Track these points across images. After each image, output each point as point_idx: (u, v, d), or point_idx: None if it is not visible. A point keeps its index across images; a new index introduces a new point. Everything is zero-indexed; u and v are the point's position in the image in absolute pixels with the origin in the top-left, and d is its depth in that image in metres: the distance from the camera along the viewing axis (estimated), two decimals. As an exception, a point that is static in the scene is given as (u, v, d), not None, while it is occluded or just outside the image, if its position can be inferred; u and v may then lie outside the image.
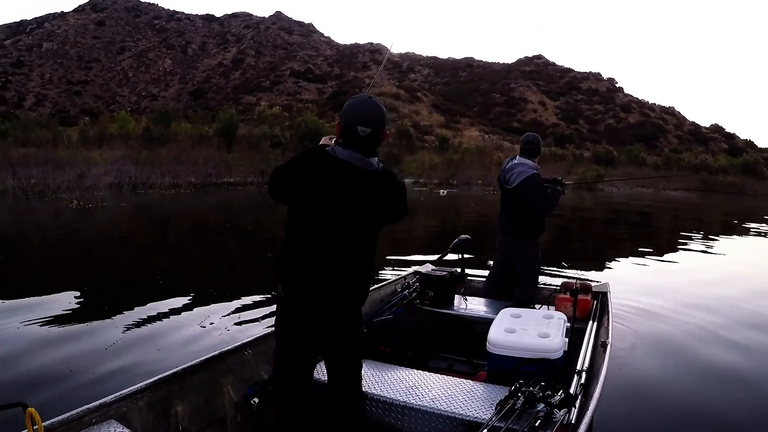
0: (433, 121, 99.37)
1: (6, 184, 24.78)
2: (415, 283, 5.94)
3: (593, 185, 41.26)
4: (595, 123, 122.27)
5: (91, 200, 20.66)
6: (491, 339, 4.10)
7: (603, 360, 3.92)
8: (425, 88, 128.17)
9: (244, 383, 3.73)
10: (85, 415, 2.79)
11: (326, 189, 2.95)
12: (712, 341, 6.98)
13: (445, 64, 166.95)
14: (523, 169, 5.76)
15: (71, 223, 17.18)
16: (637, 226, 23.00)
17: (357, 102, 3.06)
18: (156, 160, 33.26)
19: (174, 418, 3.23)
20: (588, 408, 3.10)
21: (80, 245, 13.69)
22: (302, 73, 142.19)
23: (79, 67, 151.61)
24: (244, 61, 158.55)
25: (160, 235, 16.28)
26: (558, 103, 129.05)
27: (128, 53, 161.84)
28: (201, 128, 53.95)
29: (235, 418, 3.58)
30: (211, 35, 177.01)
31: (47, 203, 21.14)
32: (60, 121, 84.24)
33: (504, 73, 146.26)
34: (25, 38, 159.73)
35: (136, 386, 3.10)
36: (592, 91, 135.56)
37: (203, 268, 11.35)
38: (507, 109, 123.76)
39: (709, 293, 9.83)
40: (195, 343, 6.29)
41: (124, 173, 29.29)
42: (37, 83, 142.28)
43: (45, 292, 8.56)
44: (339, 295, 3.13)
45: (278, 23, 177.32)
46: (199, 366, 3.50)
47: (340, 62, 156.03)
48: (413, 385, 3.79)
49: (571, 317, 4.65)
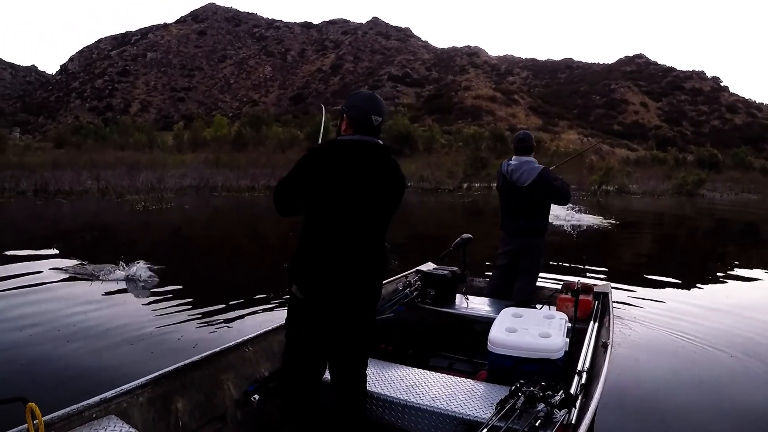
0: (530, 124, 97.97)
1: (87, 185, 25.76)
2: (416, 281, 5.83)
3: (694, 191, 38.84)
4: (699, 124, 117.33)
5: (158, 202, 21.01)
6: (492, 338, 4.07)
7: (604, 361, 3.89)
8: (523, 91, 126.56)
9: (245, 380, 3.69)
10: (86, 410, 2.75)
11: (355, 170, 3.03)
12: (719, 346, 6.66)
13: (544, 66, 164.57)
14: (530, 167, 5.79)
15: (122, 222, 17.66)
16: (739, 237, 20.95)
17: (367, 95, 3.24)
18: (236, 164, 33.40)
19: (174, 414, 3.19)
20: (588, 408, 3.07)
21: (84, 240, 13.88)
22: (400, 77, 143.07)
23: (182, 75, 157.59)
24: (342, 66, 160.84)
25: (199, 235, 16.26)
26: (660, 104, 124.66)
27: (229, 61, 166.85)
28: (293, 132, 54.25)
29: (235, 415, 3.54)
30: (309, 42, 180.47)
31: (118, 204, 21.57)
32: (164, 126, 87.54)
33: (604, 74, 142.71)
34: (130, 48, 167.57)
35: (136, 382, 3.05)
36: (696, 90, 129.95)
37: (221, 272, 10.77)
38: (607, 111, 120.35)
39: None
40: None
41: (204, 176, 29.56)
42: (142, 90, 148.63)
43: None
44: (363, 290, 3.19)
45: (375, 28, 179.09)
46: (199, 362, 3.45)
47: (438, 66, 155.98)
48: (414, 383, 3.77)
49: (572, 317, 4.59)
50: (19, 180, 24.71)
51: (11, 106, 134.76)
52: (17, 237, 14.15)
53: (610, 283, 6.03)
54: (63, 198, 23.10)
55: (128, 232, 15.90)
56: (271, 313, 7.27)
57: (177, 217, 19.18)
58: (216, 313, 7.40)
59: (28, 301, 7.64)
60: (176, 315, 7.24)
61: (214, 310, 7.53)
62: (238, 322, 7.05)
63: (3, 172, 25.47)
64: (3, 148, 37.40)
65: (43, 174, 26.02)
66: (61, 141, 51.60)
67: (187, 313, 7.30)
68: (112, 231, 15.96)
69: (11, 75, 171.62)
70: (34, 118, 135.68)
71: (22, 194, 23.54)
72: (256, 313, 7.45)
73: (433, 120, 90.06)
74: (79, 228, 15.95)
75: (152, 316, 7.16)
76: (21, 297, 7.89)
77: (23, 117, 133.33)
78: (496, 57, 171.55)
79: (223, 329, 6.72)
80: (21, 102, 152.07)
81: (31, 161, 31.23)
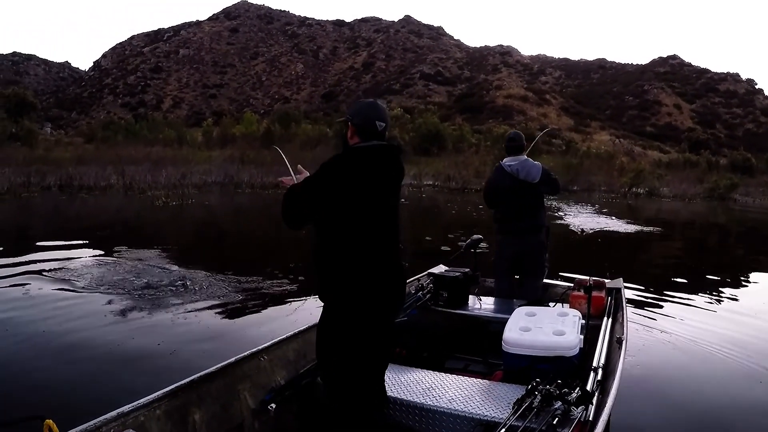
0: (561, 125, 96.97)
1: (112, 181, 26.06)
2: (428, 284, 5.84)
3: (726, 196, 37.98)
4: (733, 127, 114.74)
5: (179, 198, 21.21)
6: (506, 338, 4.09)
7: (619, 356, 3.89)
8: (555, 91, 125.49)
9: (261, 389, 3.69)
10: (103, 425, 2.72)
11: (378, 175, 3.09)
12: (735, 347, 6.62)
13: (577, 66, 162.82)
14: (532, 163, 5.90)
15: (138, 217, 17.99)
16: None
17: (370, 104, 3.27)
18: (262, 160, 33.39)
19: (192, 425, 3.19)
20: (605, 405, 3.08)
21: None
22: (432, 76, 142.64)
23: (214, 72, 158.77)
24: (374, 64, 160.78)
25: (212, 231, 16.40)
26: (694, 106, 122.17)
27: (261, 58, 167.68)
28: (322, 129, 54.13)
29: (252, 425, 3.54)
30: (341, 40, 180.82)
31: (140, 199, 21.80)
32: (195, 123, 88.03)
33: (637, 75, 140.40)
34: (163, 45, 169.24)
35: (153, 395, 3.04)
36: (731, 93, 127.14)
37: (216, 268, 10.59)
38: (640, 113, 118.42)
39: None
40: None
41: (229, 173, 29.63)
42: (174, 87, 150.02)
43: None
44: (399, 292, 3.28)
45: (407, 27, 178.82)
46: (215, 373, 3.45)
47: (470, 65, 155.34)
48: (430, 386, 3.78)
49: (585, 314, 4.62)
50: (44, 175, 24.88)
51: (44, 101, 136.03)
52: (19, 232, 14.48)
53: (621, 279, 6.10)
54: (86, 193, 23.32)
55: (141, 226, 16.10)
56: (285, 317, 7.19)
57: (194, 213, 19.31)
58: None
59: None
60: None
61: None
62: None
63: (30, 166, 25.69)
64: (33, 143, 37.61)
65: (67, 170, 26.30)
66: (91, 136, 52.02)
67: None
68: (124, 225, 16.11)
69: (45, 71, 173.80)
70: (67, 114, 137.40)
71: (47, 189, 23.78)
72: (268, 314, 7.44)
73: (463, 119, 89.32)
74: (90, 222, 16.19)
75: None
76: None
77: (56, 112, 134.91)
78: (528, 56, 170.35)
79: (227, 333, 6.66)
80: (54, 98, 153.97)
81: (59, 156, 31.54)
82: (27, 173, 24.27)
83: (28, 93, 54.23)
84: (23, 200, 20.73)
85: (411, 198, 27.51)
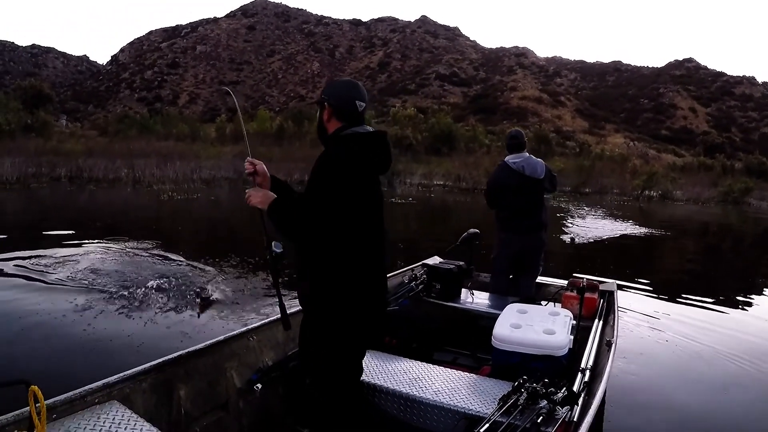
0: (576, 127, 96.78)
1: (121, 174, 26.17)
2: (422, 275, 5.87)
3: (741, 200, 37.70)
4: (749, 131, 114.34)
5: (185, 192, 21.34)
6: (496, 334, 4.11)
7: (608, 359, 3.91)
8: (570, 93, 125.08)
9: (248, 369, 3.71)
10: (88, 395, 2.76)
11: (378, 165, 2.91)
12: (725, 350, 6.71)
13: (592, 68, 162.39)
14: (535, 160, 5.91)
15: (139, 210, 18.12)
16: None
17: (347, 81, 3.05)
18: (272, 157, 33.43)
19: (177, 401, 3.19)
20: (590, 406, 3.08)
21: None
22: (447, 76, 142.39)
23: (230, 69, 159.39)
24: (390, 64, 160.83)
25: (211, 225, 16.42)
26: (709, 109, 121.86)
27: (278, 56, 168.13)
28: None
29: (237, 403, 3.55)
30: (357, 39, 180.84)
31: (147, 192, 21.92)
32: (210, 119, 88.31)
33: (653, 78, 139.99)
34: (180, 41, 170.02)
35: (139, 368, 3.06)
36: (746, 96, 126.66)
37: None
38: (655, 116, 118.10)
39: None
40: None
41: (238, 168, 29.76)
42: (191, 83, 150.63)
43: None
44: (384, 292, 3.11)
45: (424, 27, 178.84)
46: (203, 350, 3.46)
47: (486, 66, 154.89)
48: (417, 377, 3.81)
49: (577, 315, 4.63)
50: (55, 166, 25.05)
51: (62, 94, 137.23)
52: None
53: (615, 282, 6.11)
54: (94, 185, 23.41)
55: (140, 219, 16.14)
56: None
57: (198, 208, 19.40)
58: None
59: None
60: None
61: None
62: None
63: (41, 157, 25.87)
64: (47, 134, 37.74)
65: (78, 161, 26.49)
66: (105, 129, 52.21)
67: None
68: (124, 217, 16.19)
69: (63, 64, 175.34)
70: (83, 107, 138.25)
71: (56, 180, 23.94)
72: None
73: (477, 120, 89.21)
74: (90, 213, 16.40)
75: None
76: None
77: (73, 105, 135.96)
78: (544, 58, 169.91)
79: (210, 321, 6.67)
80: (72, 90, 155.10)
81: (70, 148, 31.65)
82: (38, 164, 24.46)
83: (45, 85, 54.27)
84: (32, 190, 20.88)
85: (419, 198, 27.58)
